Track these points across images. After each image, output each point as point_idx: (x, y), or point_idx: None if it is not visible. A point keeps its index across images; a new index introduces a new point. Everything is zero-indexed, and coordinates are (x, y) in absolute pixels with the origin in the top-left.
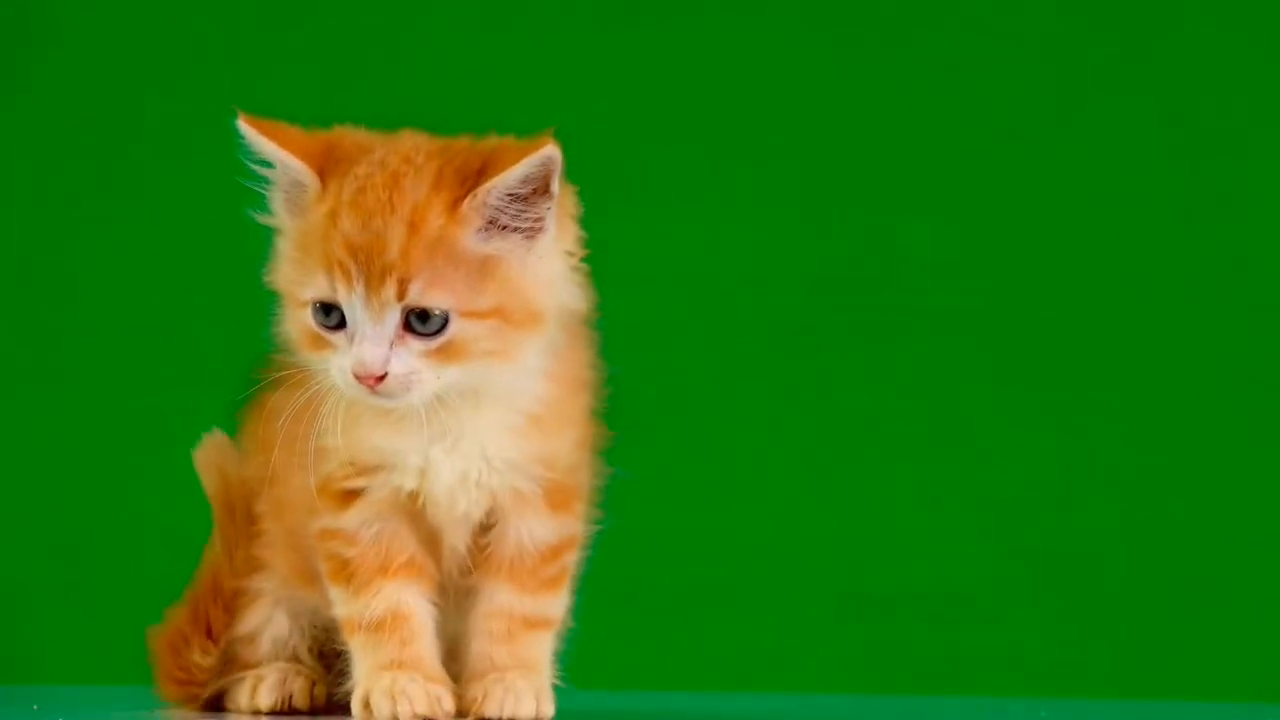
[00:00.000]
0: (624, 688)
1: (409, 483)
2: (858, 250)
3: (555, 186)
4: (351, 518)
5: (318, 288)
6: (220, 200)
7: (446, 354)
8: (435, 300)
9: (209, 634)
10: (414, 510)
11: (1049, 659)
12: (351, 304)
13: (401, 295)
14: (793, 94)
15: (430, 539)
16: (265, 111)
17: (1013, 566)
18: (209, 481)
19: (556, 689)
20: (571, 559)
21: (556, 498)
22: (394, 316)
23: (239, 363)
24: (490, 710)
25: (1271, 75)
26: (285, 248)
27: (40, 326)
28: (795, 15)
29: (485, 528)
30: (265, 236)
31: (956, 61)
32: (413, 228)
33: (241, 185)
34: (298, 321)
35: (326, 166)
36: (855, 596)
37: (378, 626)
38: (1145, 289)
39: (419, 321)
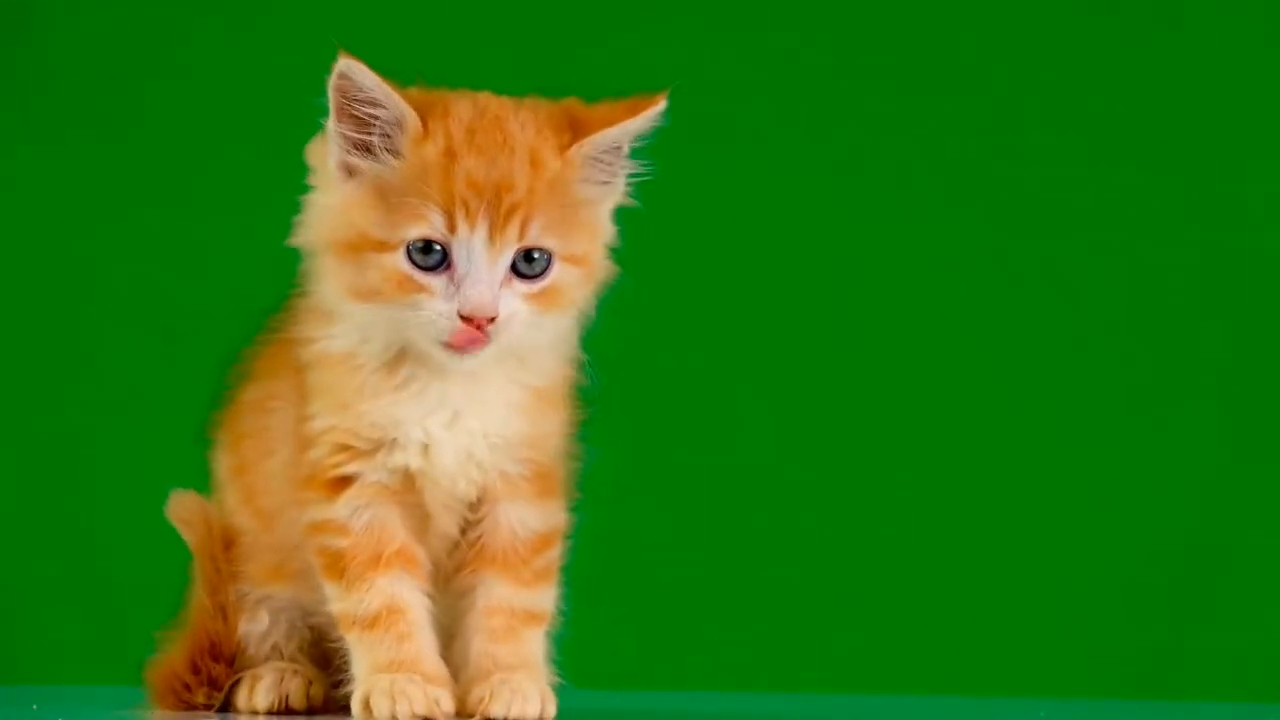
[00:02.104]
0: (624, 688)
1: (414, 461)
2: (859, 249)
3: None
4: (342, 506)
5: (428, 226)
6: (220, 201)
7: (543, 299)
8: (547, 241)
9: (211, 683)
10: (405, 496)
11: (1049, 659)
12: (468, 243)
13: (523, 235)
14: (792, 92)
15: (419, 526)
16: (267, 109)
17: (1013, 566)
18: (191, 534)
19: (556, 688)
20: (559, 551)
21: (542, 484)
22: (508, 257)
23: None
24: (496, 711)
25: (1272, 75)
26: (364, 192)
27: (41, 326)
28: (794, 13)
29: (473, 521)
30: (263, 239)
31: (957, 62)
32: (534, 167)
33: (238, 187)
34: (380, 267)
35: (423, 108)
36: (855, 596)
37: (373, 623)
38: (1146, 289)
39: (525, 263)
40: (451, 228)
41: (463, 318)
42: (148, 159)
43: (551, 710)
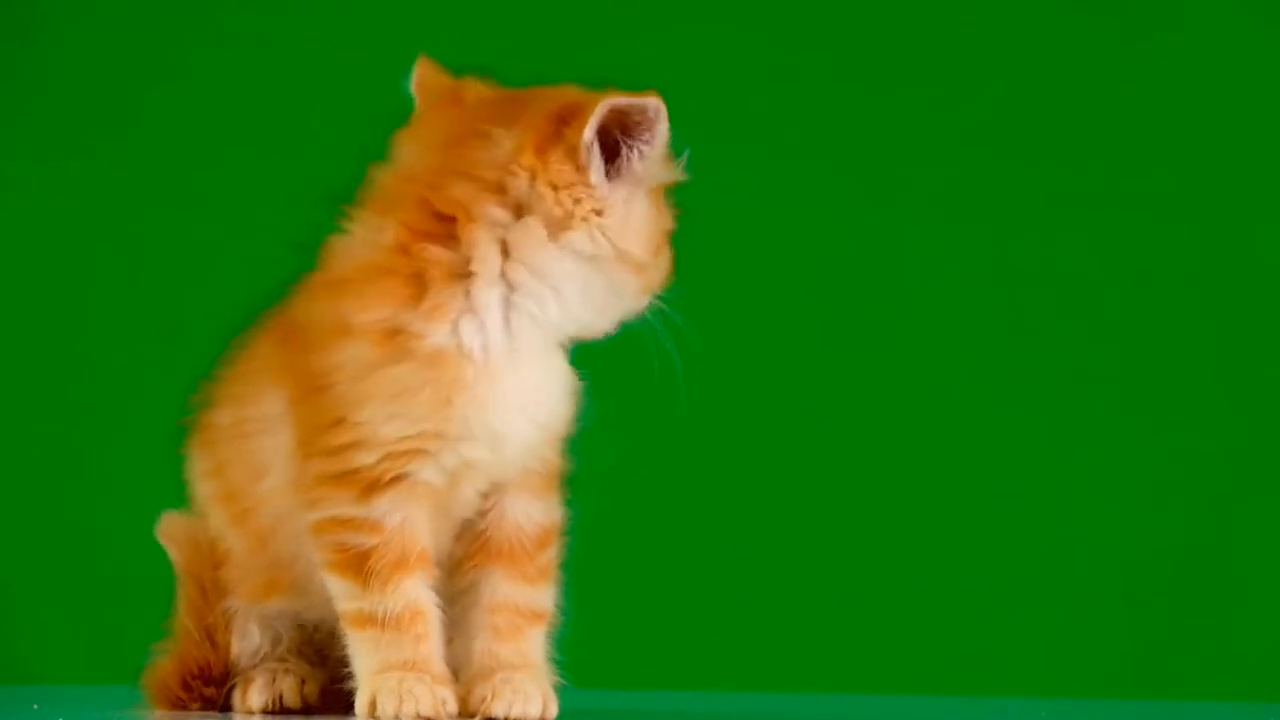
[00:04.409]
0: (624, 688)
1: (480, 454)
2: (860, 249)
3: None
4: (382, 505)
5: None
6: (223, 204)
7: None
8: None
9: (206, 701)
10: (444, 493)
11: (1049, 659)
12: None
13: None
14: (793, 92)
15: (436, 523)
16: (267, 112)
17: (1013, 566)
18: (178, 555)
19: (556, 688)
20: (558, 548)
21: (548, 478)
22: None
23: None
24: (498, 710)
25: (1272, 75)
26: (648, 199)
27: (41, 327)
28: (796, 14)
29: (478, 514)
30: (265, 241)
31: (959, 62)
32: None
33: (240, 190)
34: (667, 254)
35: None
36: (855, 596)
37: (394, 623)
38: (1145, 289)
39: None
40: None
41: None
42: (146, 162)
43: (553, 710)
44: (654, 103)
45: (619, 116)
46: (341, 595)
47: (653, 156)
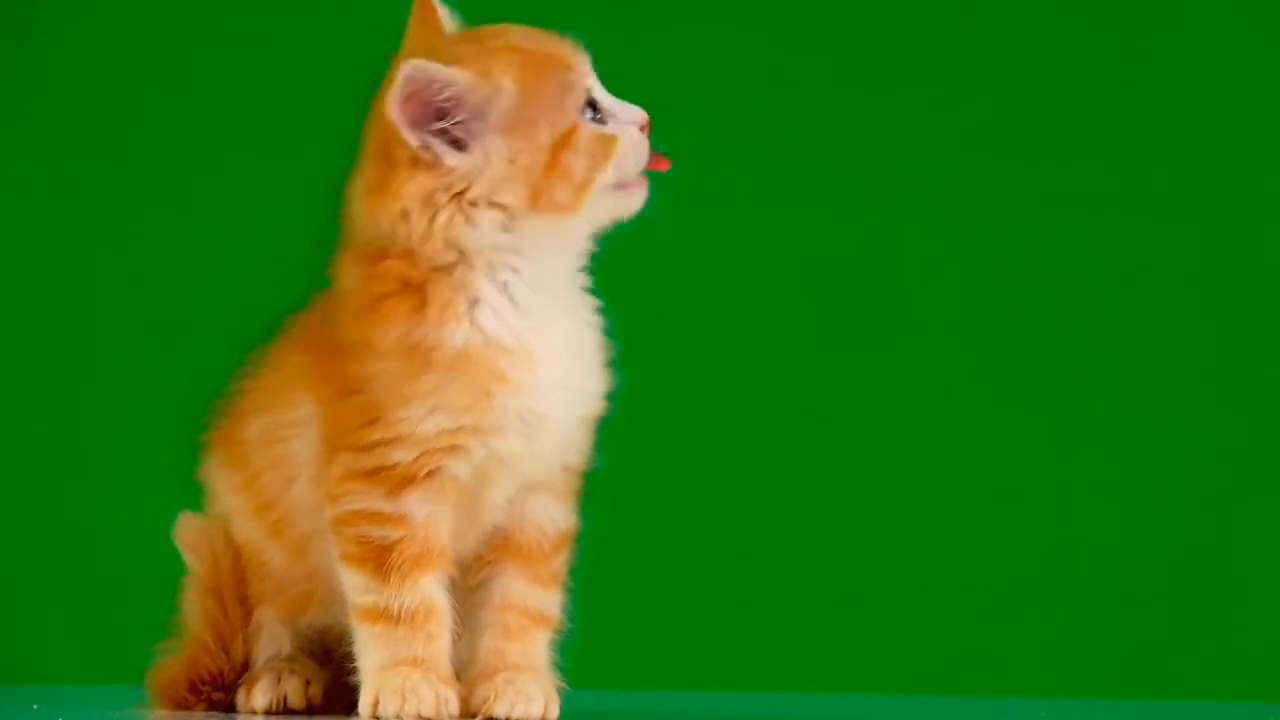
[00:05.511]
0: (624, 688)
1: (515, 444)
2: (860, 249)
3: None
4: (411, 500)
5: (580, 92)
6: (220, 201)
7: None
8: None
9: (213, 705)
10: (473, 490)
11: (1049, 659)
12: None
13: None
14: (793, 92)
15: (463, 528)
16: (270, 109)
17: (1013, 566)
18: (197, 564)
19: (561, 693)
20: (570, 554)
21: (576, 479)
22: None
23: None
24: (500, 710)
25: (1272, 75)
26: (502, 154)
27: (41, 327)
28: (796, 14)
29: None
30: (266, 243)
31: (959, 62)
32: None
33: (241, 191)
34: (576, 145)
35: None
36: (855, 596)
37: (408, 619)
38: (1145, 289)
39: None
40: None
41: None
42: (146, 162)
43: (554, 712)
44: (461, 81)
45: (420, 105)
46: (356, 589)
47: (475, 118)
